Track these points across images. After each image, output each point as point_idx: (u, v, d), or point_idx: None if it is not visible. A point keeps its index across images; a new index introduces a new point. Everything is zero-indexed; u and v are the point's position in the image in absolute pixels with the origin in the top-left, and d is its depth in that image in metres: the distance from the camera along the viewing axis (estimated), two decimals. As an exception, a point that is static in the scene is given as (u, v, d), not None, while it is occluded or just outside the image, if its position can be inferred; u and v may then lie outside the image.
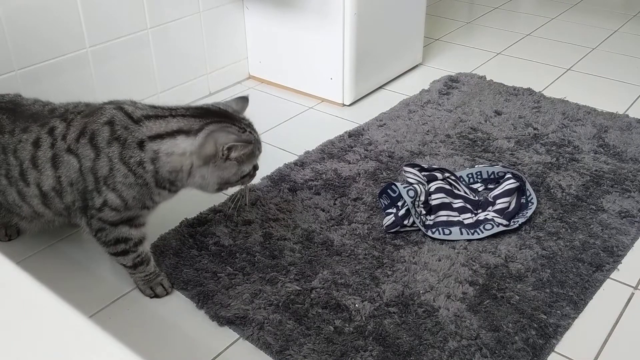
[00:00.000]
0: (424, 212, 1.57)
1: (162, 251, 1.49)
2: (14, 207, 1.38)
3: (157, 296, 1.39)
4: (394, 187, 1.59)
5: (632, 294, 1.39)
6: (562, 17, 3.09)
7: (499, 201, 1.60)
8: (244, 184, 1.36)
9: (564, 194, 1.68)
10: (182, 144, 1.25)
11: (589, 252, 1.47)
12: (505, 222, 1.54)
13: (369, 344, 1.24)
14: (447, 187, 1.64)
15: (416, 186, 1.58)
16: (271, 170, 1.81)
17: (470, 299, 1.34)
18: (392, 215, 1.55)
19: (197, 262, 1.46)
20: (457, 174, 1.73)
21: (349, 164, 1.84)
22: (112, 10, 1.88)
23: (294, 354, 1.22)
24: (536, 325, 1.28)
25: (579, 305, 1.33)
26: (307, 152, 1.91)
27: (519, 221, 1.55)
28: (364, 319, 1.29)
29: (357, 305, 1.33)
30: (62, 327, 0.48)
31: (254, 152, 1.32)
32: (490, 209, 1.59)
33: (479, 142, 1.95)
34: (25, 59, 1.73)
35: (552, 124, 2.04)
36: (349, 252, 1.48)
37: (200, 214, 1.62)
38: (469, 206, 1.61)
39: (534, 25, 2.99)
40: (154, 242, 1.51)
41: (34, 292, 0.51)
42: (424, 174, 1.68)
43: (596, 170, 1.79)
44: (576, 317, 1.31)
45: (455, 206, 1.61)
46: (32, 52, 1.74)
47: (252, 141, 1.30)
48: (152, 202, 1.32)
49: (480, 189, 1.73)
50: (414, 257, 1.46)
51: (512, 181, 1.63)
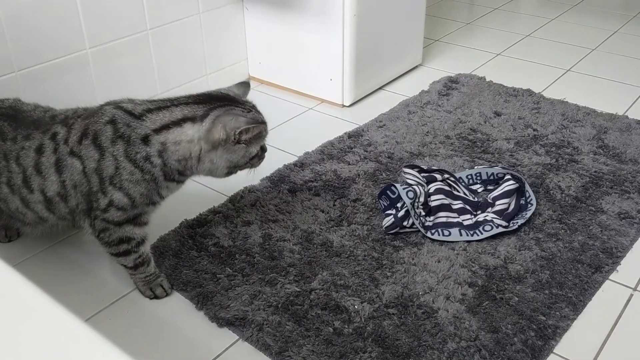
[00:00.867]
0: (424, 213, 1.58)
1: (162, 252, 1.50)
2: (17, 214, 1.38)
3: (157, 297, 1.39)
4: (393, 188, 1.59)
5: (631, 295, 1.39)
6: (562, 18, 3.09)
7: (498, 202, 1.60)
8: (252, 166, 1.37)
9: (563, 195, 1.69)
10: (189, 130, 1.26)
11: (588, 254, 1.48)
12: (504, 223, 1.54)
13: (368, 345, 1.24)
14: (447, 188, 1.64)
15: (415, 187, 1.58)
16: (271, 171, 1.81)
17: (469, 300, 1.35)
18: (392, 216, 1.55)
19: (197, 263, 1.46)
20: (457, 175, 1.73)
21: (349, 165, 1.84)
22: (112, 11, 1.89)
23: (293, 355, 1.22)
24: (535, 326, 1.28)
25: (578, 306, 1.34)
26: (307, 153, 1.91)
27: (518, 222, 1.55)
28: (363, 320, 1.30)
29: (356, 306, 1.33)
30: (58, 330, 0.48)
31: (261, 133, 1.33)
32: (489, 210, 1.59)
33: (478, 143, 1.95)
34: (25, 60, 1.73)
35: (552, 125, 2.04)
36: (349, 253, 1.49)
37: (199, 215, 1.62)
38: (468, 207, 1.62)
39: (534, 26, 2.99)
40: (153, 243, 1.51)
41: (30, 295, 0.51)
42: (423, 175, 1.68)
43: (595, 171, 1.79)
44: (575, 319, 1.31)
45: (454, 207, 1.61)
46: (32, 53, 1.74)
47: (261, 120, 1.32)
48: (159, 196, 1.33)
49: (479, 190, 1.73)
50: (413, 259, 1.46)
51: (512, 182, 1.63)
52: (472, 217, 1.59)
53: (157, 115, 1.27)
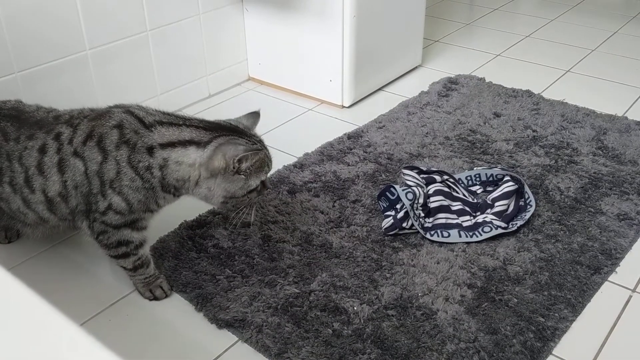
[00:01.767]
0: (423, 214, 1.58)
1: (161, 254, 1.50)
2: (18, 215, 1.38)
3: (156, 299, 1.39)
4: (392, 189, 1.59)
5: (630, 297, 1.39)
6: (562, 18, 3.09)
7: (497, 204, 1.60)
8: (250, 201, 1.34)
9: (563, 196, 1.69)
10: (192, 154, 1.26)
11: (587, 255, 1.48)
12: (503, 224, 1.54)
13: (367, 346, 1.24)
14: (446, 189, 1.64)
15: (415, 189, 1.58)
16: (270, 172, 1.80)
17: (468, 301, 1.35)
18: (391, 217, 1.55)
19: (196, 265, 1.46)
20: (456, 177, 1.73)
21: (348, 166, 1.84)
22: (112, 12, 1.89)
23: (292, 356, 1.22)
24: (534, 328, 1.28)
25: (577, 308, 1.34)
26: (306, 154, 1.91)
27: (517, 224, 1.55)
28: (362, 321, 1.30)
29: (355, 308, 1.33)
30: (51, 334, 0.48)
31: (262, 166, 1.31)
32: (488, 211, 1.59)
33: (477, 144, 1.95)
34: (25, 61, 1.73)
35: (551, 126, 2.04)
36: (348, 254, 1.49)
37: (199, 216, 1.62)
38: (467, 209, 1.62)
39: (534, 26, 2.99)
40: (153, 244, 1.51)
41: (23, 298, 0.51)
42: (422, 176, 1.68)
43: (595, 172, 1.79)
44: (574, 320, 1.31)
45: (453, 209, 1.61)
46: (32, 55, 1.74)
47: (262, 151, 1.30)
48: (157, 205, 1.33)
49: (478, 192, 1.73)
50: (412, 260, 1.47)
51: (511, 184, 1.63)
52: (472, 218, 1.59)
53: (167, 130, 1.27)
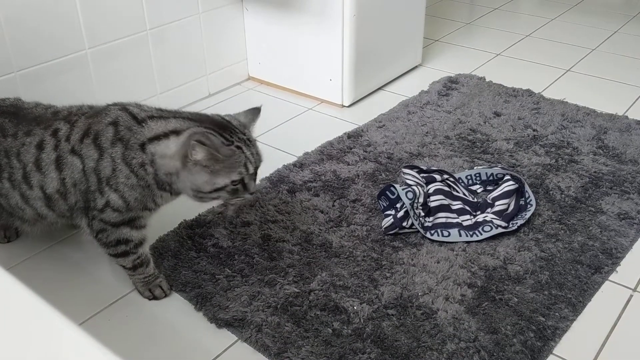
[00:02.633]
0: (423, 213, 1.57)
1: (161, 253, 1.50)
2: (17, 211, 1.38)
3: (156, 298, 1.39)
4: (392, 188, 1.59)
5: (631, 296, 1.39)
6: (562, 17, 3.09)
7: (497, 203, 1.60)
8: (224, 200, 1.27)
9: (563, 195, 1.68)
10: (173, 145, 1.23)
11: (588, 254, 1.47)
12: (504, 224, 1.54)
13: (367, 346, 1.24)
14: (446, 188, 1.64)
15: (415, 188, 1.58)
16: (270, 171, 1.81)
17: (468, 301, 1.34)
18: (391, 217, 1.55)
19: (196, 264, 1.46)
20: (456, 176, 1.73)
21: (348, 165, 1.84)
22: (112, 11, 1.88)
23: (292, 356, 1.22)
24: (534, 327, 1.27)
25: (577, 307, 1.33)
26: (306, 154, 1.91)
27: (517, 223, 1.55)
28: (362, 321, 1.29)
29: (355, 307, 1.33)
30: (50, 334, 0.48)
31: (235, 165, 1.22)
32: (489, 210, 1.59)
33: (478, 143, 1.95)
34: (24, 60, 1.73)
35: (552, 125, 2.04)
36: (348, 254, 1.48)
37: (199, 215, 1.62)
38: (467, 208, 1.61)
39: (534, 26, 2.99)
40: (152, 243, 1.51)
41: (22, 298, 0.51)
42: (422, 175, 1.68)
43: (595, 171, 1.78)
44: (575, 320, 1.31)
45: (454, 208, 1.61)
46: (32, 53, 1.74)
47: (228, 152, 1.21)
48: (154, 204, 1.32)
49: (479, 191, 1.72)
50: (412, 259, 1.46)
51: (511, 183, 1.63)
52: (472, 217, 1.59)
53: (155, 123, 1.25)
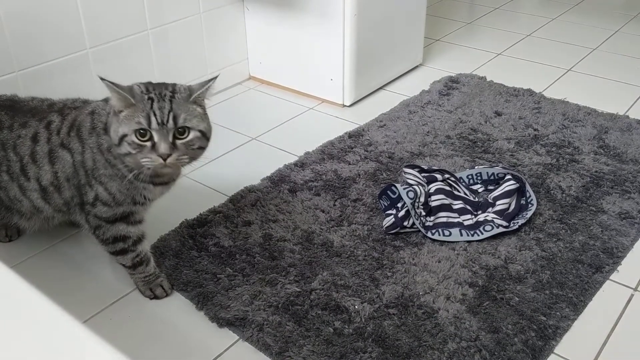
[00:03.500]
0: (424, 213, 1.57)
1: (162, 252, 1.50)
2: (15, 203, 1.38)
3: (157, 297, 1.39)
4: (393, 188, 1.59)
5: (632, 296, 1.39)
6: (563, 17, 3.09)
7: (498, 202, 1.60)
8: (130, 158, 1.16)
9: (564, 195, 1.68)
10: (108, 107, 1.21)
11: (589, 254, 1.47)
12: (505, 223, 1.54)
13: (368, 345, 1.24)
14: (447, 188, 1.64)
15: (416, 187, 1.58)
16: (271, 171, 1.81)
17: (469, 300, 1.34)
18: (392, 216, 1.55)
19: (197, 263, 1.46)
20: (457, 175, 1.73)
21: (349, 164, 1.84)
22: (113, 11, 1.89)
23: (293, 355, 1.22)
24: (535, 326, 1.28)
25: (578, 306, 1.33)
26: (307, 153, 1.91)
27: (518, 222, 1.55)
28: (363, 320, 1.29)
29: (356, 306, 1.33)
30: (54, 331, 0.48)
31: (135, 114, 1.13)
32: (490, 210, 1.59)
33: (479, 143, 1.95)
34: (25, 60, 1.73)
35: (552, 125, 2.04)
36: (349, 253, 1.48)
37: (200, 214, 1.62)
38: (468, 207, 1.61)
39: (535, 25, 2.99)
40: (153, 243, 1.51)
41: (26, 296, 0.51)
42: (423, 175, 1.68)
43: (596, 171, 1.79)
44: (575, 319, 1.31)
45: (455, 207, 1.61)
46: (33, 53, 1.74)
47: (137, 97, 1.14)
48: (143, 197, 1.29)
49: (480, 190, 1.72)
50: (413, 259, 1.46)
51: (512, 182, 1.63)
52: (473, 217, 1.59)
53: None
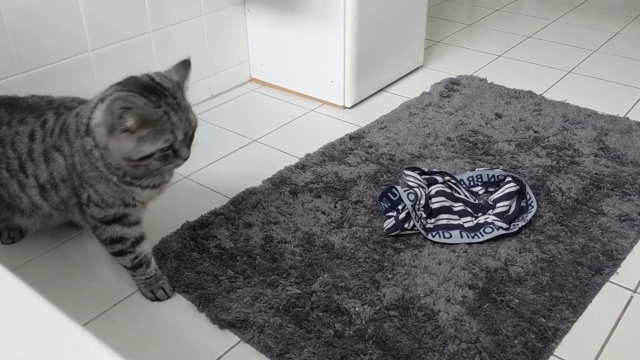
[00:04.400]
0: (424, 215, 1.58)
1: (164, 254, 1.50)
2: (15, 199, 1.38)
3: (158, 299, 1.39)
4: (394, 190, 1.60)
5: (632, 298, 1.39)
6: (564, 19, 3.09)
7: (499, 204, 1.60)
8: (151, 169, 1.17)
9: (564, 197, 1.69)
10: (98, 112, 1.14)
11: (589, 256, 1.48)
12: (505, 225, 1.54)
13: (369, 347, 1.24)
14: (448, 190, 1.65)
15: (416, 189, 1.58)
16: (272, 172, 1.81)
17: (470, 302, 1.35)
18: (393, 218, 1.55)
19: (198, 265, 1.46)
20: (458, 177, 1.73)
21: (350, 166, 1.84)
22: (114, 13, 1.89)
23: (294, 357, 1.22)
24: (535, 328, 1.28)
25: (578, 308, 1.34)
26: (308, 155, 1.91)
27: (519, 224, 1.56)
28: (364, 322, 1.30)
29: (357, 308, 1.33)
30: (54, 334, 0.49)
31: (161, 132, 1.12)
32: (490, 212, 1.60)
33: (479, 145, 1.95)
34: (27, 63, 1.74)
35: (553, 127, 2.04)
36: (350, 255, 1.49)
37: (201, 216, 1.63)
38: (469, 209, 1.62)
39: (535, 27, 2.99)
40: (155, 244, 1.52)
41: (26, 298, 0.51)
42: (424, 177, 1.69)
43: (596, 173, 1.79)
44: (575, 321, 1.31)
45: (455, 209, 1.61)
46: (35, 56, 1.74)
47: (155, 116, 1.11)
48: (132, 199, 1.27)
49: (480, 192, 1.73)
50: (414, 261, 1.47)
51: (513, 184, 1.63)
52: (473, 219, 1.60)
53: (95, 98, 1.18)
